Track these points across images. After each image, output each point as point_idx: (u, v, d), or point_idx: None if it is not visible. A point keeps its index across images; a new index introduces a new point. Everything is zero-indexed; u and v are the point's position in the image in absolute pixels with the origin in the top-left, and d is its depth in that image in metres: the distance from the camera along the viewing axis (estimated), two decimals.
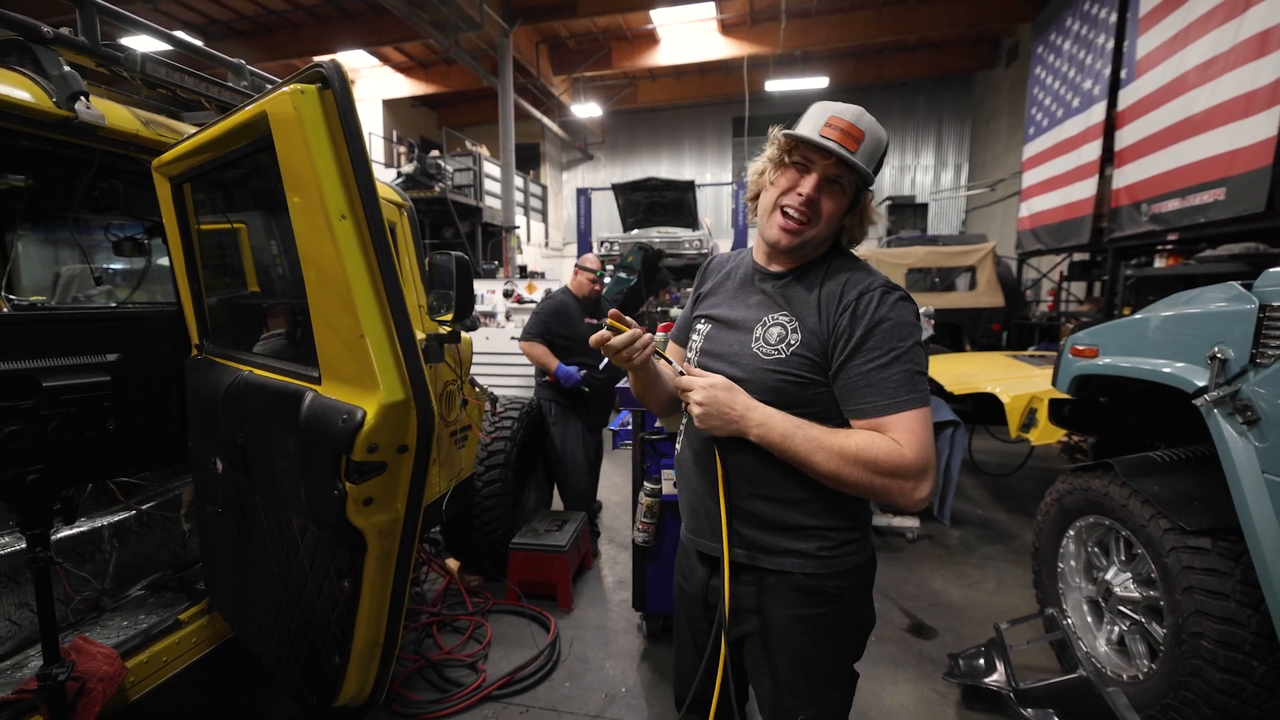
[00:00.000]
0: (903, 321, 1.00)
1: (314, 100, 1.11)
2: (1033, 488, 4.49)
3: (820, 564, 1.07)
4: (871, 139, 1.00)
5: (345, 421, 1.13)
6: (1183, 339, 1.90)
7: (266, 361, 1.55)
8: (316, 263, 1.20)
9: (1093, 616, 2.25)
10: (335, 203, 1.12)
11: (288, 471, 1.34)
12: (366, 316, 1.13)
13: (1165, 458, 2.03)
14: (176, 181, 1.67)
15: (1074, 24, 6.97)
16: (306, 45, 10.80)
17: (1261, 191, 3.98)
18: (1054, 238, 7.23)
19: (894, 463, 0.94)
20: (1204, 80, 4.59)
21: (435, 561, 3.04)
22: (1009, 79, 10.99)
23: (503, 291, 6.81)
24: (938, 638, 2.64)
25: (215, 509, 1.74)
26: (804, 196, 1.00)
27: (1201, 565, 1.73)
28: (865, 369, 0.98)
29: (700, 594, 1.21)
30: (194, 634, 1.74)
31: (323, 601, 1.35)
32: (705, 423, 0.99)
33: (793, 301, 1.07)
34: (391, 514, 1.23)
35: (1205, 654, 1.69)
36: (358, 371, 1.17)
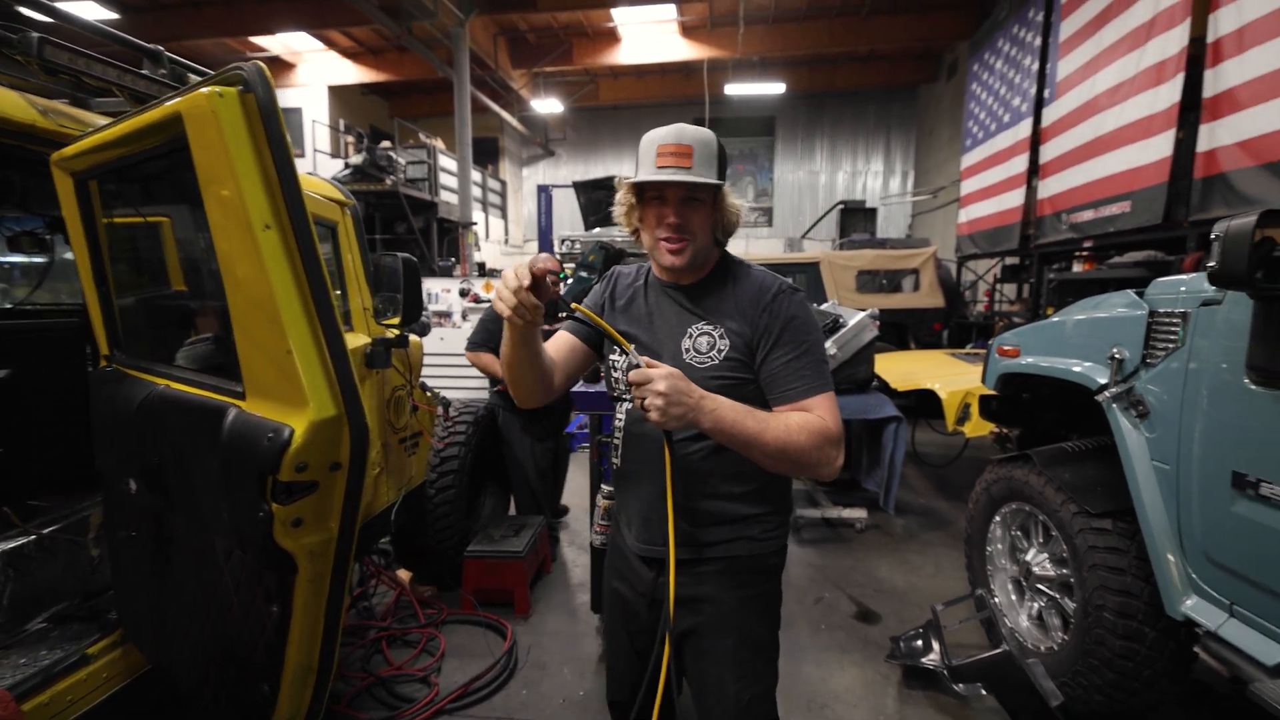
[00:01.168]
0: (809, 318, 1.15)
1: (234, 104, 1.05)
2: (969, 477, 4.76)
3: (762, 545, 1.21)
4: (700, 147, 1.09)
5: (271, 440, 1.08)
6: (1089, 341, 2.12)
7: (185, 374, 1.45)
8: (238, 275, 1.13)
9: (1016, 595, 2.47)
10: (259, 212, 1.06)
11: (210, 492, 1.26)
12: (294, 331, 1.08)
13: (1076, 448, 2.26)
14: (80, 178, 1.54)
15: (1005, 45, 7.45)
16: (240, 24, 9.95)
17: (1160, 205, 4.41)
18: (989, 242, 7.71)
19: (826, 433, 1.07)
20: (1113, 103, 5.03)
21: (385, 573, 2.90)
22: (949, 92, 11.59)
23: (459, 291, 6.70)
24: (882, 622, 2.81)
25: (129, 533, 1.62)
26: (673, 224, 1.11)
27: (1104, 544, 1.94)
28: (786, 360, 1.11)
29: (647, 594, 1.24)
30: (104, 669, 1.60)
31: (249, 627, 1.28)
32: (666, 412, 0.96)
33: (711, 310, 1.17)
34: (324, 534, 1.18)
35: (1107, 624, 1.89)
36: (284, 387, 1.12)
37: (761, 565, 1.21)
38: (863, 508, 3.87)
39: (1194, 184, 4.07)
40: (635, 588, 1.25)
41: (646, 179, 1.10)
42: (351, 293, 2.34)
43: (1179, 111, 4.25)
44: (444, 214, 10.03)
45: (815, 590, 3.07)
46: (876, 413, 3.50)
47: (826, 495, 4.10)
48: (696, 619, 1.19)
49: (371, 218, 9.26)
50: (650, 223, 1.15)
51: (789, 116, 14.61)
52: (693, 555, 1.17)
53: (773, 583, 1.24)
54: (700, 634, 1.19)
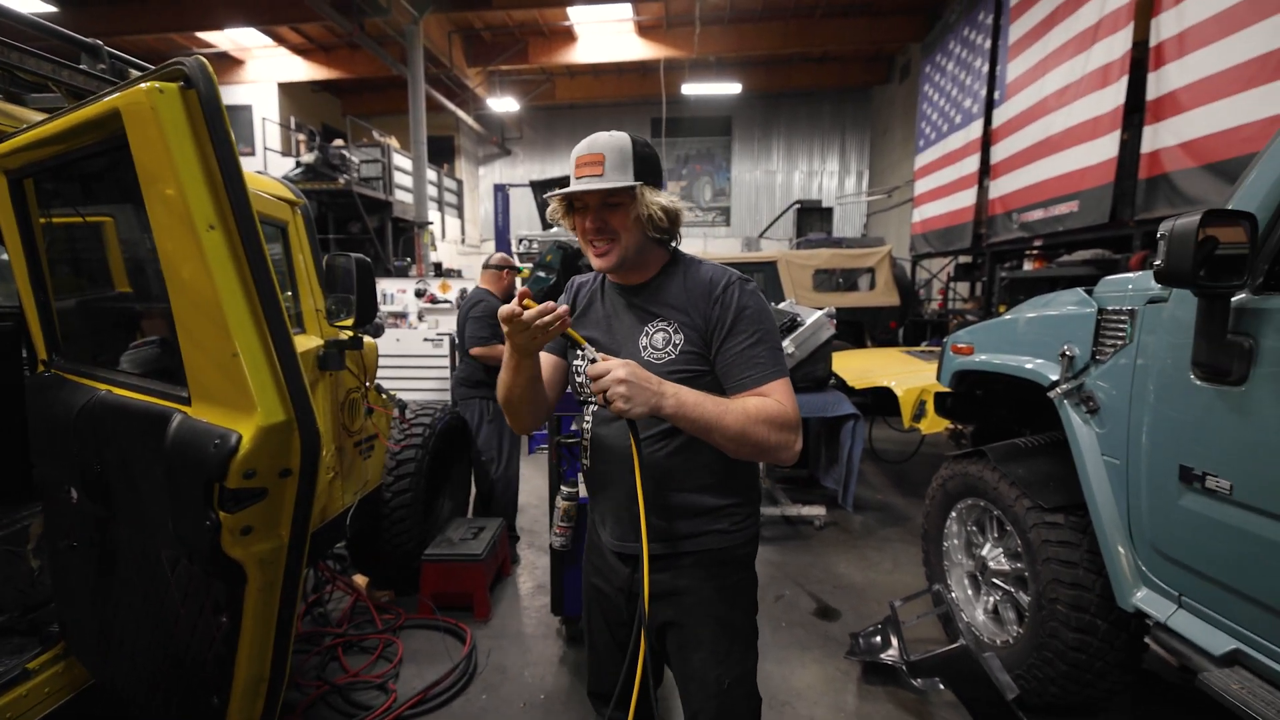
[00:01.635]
0: (761, 307, 1.17)
1: (175, 101, 1.03)
2: (926, 473, 4.84)
3: (734, 537, 1.24)
4: (612, 152, 1.13)
5: (218, 446, 1.06)
6: (1041, 338, 2.14)
7: (128, 379, 1.41)
8: (182, 276, 1.11)
9: (972, 589, 2.48)
10: (202, 212, 1.04)
11: (154, 501, 1.24)
12: (240, 334, 1.06)
13: (1029, 444, 2.28)
14: (15, 176, 1.50)
15: (956, 47, 7.66)
16: (187, 19, 9.67)
17: (1106, 204, 4.57)
18: (942, 241, 7.92)
19: (784, 417, 1.10)
20: (1060, 105, 5.20)
21: (340, 579, 2.87)
22: (902, 93, 11.90)
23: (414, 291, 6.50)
24: (841, 619, 2.82)
25: (70, 543, 1.57)
26: (591, 228, 1.16)
27: (1056, 538, 1.96)
28: (740, 348, 1.14)
29: (624, 589, 1.28)
30: (46, 683, 1.56)
31: (197, 638, 1.26)
32: (629, 401, 1.00)
33: (665, 307, 1.20)
34: (274, 542, 1.16)
35: (1060, 616, 1.91)
36: (231, 392, 1.10)
37: (734, 556, 1.25)
38: (821, 505, 3.89)
39: (1139, 184, 4.22)
40: (613, 583, 1.29)
41: (560, 193, 1.16)
42: (303, 294, 2.31)
43: (1124, 113, 4.40)
44: (399, 213, 9.83)
45: (775, 588, 3.06)
46: (834, 410, 3.51)
47: (785, 493, 4.11)
48: (676, 610, 1.23)
49: (325, 217, 9.15)
50: (579, 229, 1.19)
51: (746, 116, 14.73)
52: (668, 550, 1.21)
53: (747, 572, 1.29)
54: (680, 624, 1.24)
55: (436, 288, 6.50)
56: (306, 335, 2.27)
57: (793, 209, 11.59)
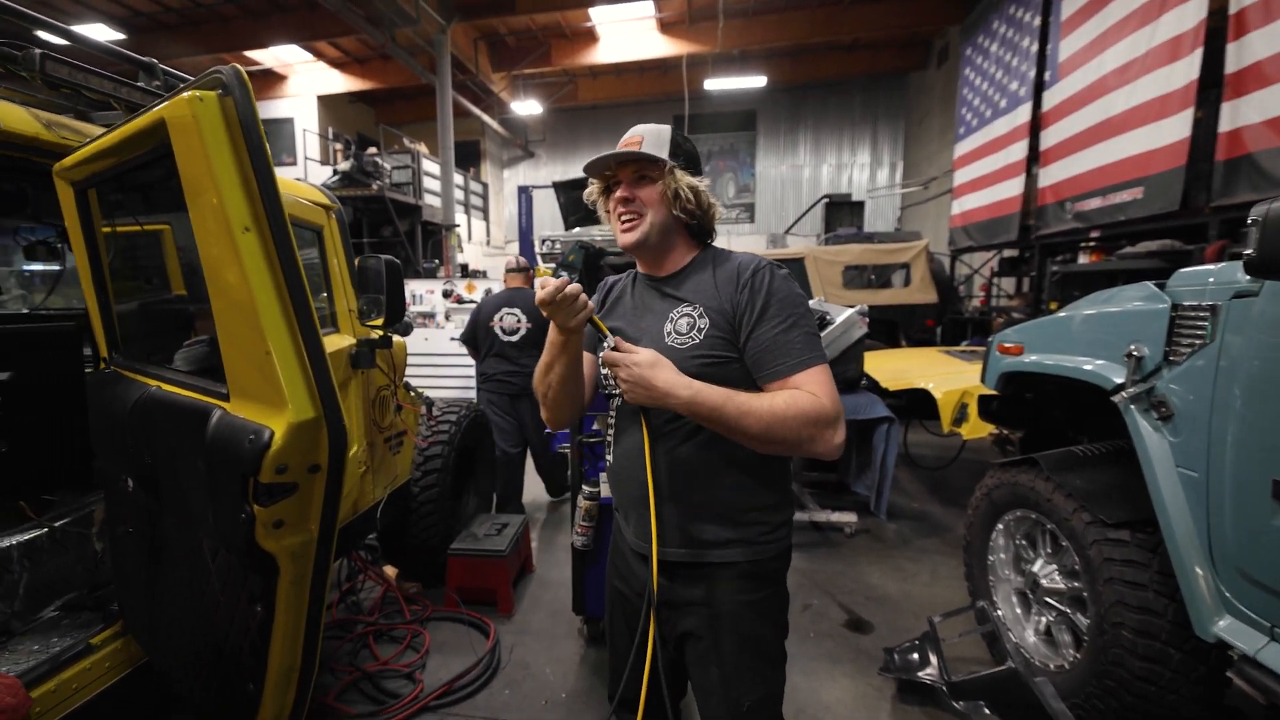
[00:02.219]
0: (794, 292, 1.12)
1: (214, 108, 1.08)
2: (966, 480, 4.62)
3: (761, 549, 1.16)
4: (650, 135, 1.16)
5: (252, 442, 1.10)
6: (1101, 337, 1.94)
7: (176, 376, 1.49)
8: (220, 277, 1.15)
9: (1021, 608, 2.28)
10: (238, 215, 1.09)
11: (196, 493, 1.29)
12: (273, 333, 1.10)
13: (1087, 452, 2.08)
14: (80, 187, 1.61)
15: (1000, 27, 7.26)
16: (236, 40, 10.25)
17: (1176, 190, 4.18)
18: (984, 235, 7.53)
19: (819, 411, 1.02)
20: (1122, 83, 4.80)
21: (372, 569, 2.96)
22: (940, 79, 11.43)
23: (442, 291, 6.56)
24: (874, 632, 2.66)
25: (126, 529, 1.66)
26: (619, 198, 1.16)
27: (1121, 557, 1.76)
28: (771, 334, 1.08)
29: (645, 593, 1.21)
30: (107, 659, 1.67)
31: (235, 627, 1.31)
32: (632, 396, 1.04)
33: (691, 292, 1.16)
34: (304, 536, 1.20)
35: (1125, 643, 1.72)
36: (265, 389, 1.14)
37: (761, 570, 1.17)
38: (852, 511, 3.70)
39: (1215, 166, 3.83)
40: (633, 587, 1.25)
41: (597, 157, 1.15)
42: (337, 295, 2.39)
43: (1197, 89, 4.02)
44: (428, 217, 9.99)
45: (803, 596, 2.92)
46: (866, 413, 3.32)
47: (814, 498, 3.94)
48: (696, 621, 1.18)
49: (359, 222, 9.47)
50: (612, 204, 1.18)
51: (770, 110, 14.37)
52: (691, 557, 1.16)
53: (776, 587, 1.21)
54: (700, 636, 1.18)
55: (463, 288, 6.55)
56: (340, 334, 2.35)
57: (821, 203, 11.26)
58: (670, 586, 1.17)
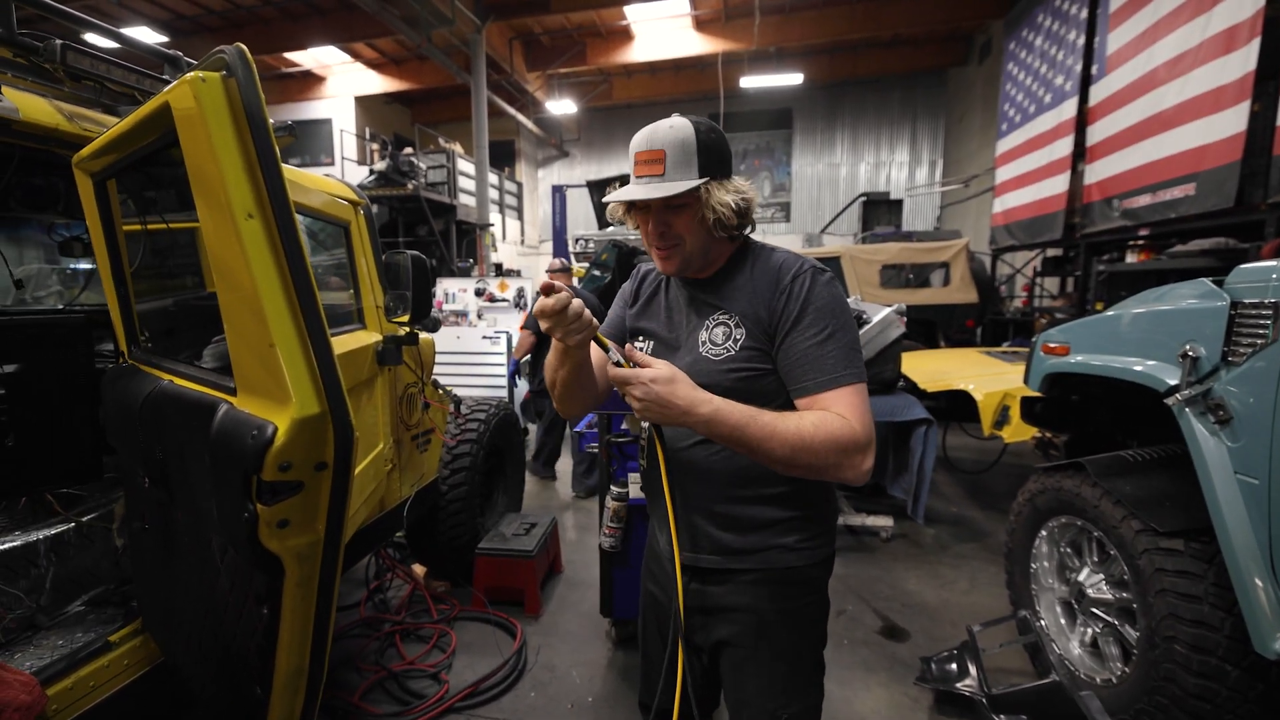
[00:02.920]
0: (835, 299, 1.04)
1: (217, 89, 1.03)
2: (1007, 484, 4.49)
3: (801, 556, 1.10)
4: (674, 148, 1.01)
5: (255, 438, 1.05)
6: (1154, 337, 1.87)
7: (188, 370, 1.46)
8: (225, 266, 1.11)
9: (1066, 618, 2.21)
10: (241, 201, 1.03)
11: (204, 489, 1.27)
12: (277, 324, 1.05)
13: (1137, 457, 2.00)
14: (98, 178, 1.57)
15: (1046, 20, 7.02)
16: (276, 42, 10.56)
17: (1231, 186, 4.00)
18: (1027, 233, 7.29)
19: (849, 437, 0.96)
20: (1174, 76, 4.62)
21: (400, 568, 2.98)
22: (982, 75, 11.09)
23: (474, 290, 6.67)
24: (910, 640, 2.60)
25: (143, 525, 1.65)
26: (654, 233, 1.08)
27: (1174, 567, 1.69)
28: (804, 346, 1.01)
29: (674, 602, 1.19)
30: (125, 656, 1.64)
31: (243, 628, 1.27)
32: (647, 415, 0.97)
33: (728, 299, 1.09)
34: (311, 536, 1.15)
35: (1179, 658, 1.65)
36: (269, 383, 1.09)
37: (801, 577, 1.11)
38: (888, 515, 3.63)
39: (1274, 161, 3.66)
40: (669, 592, 1.19)
41: (618, 199, 1.08)
42: (364, 291, 2.38)
43: (1254, 81, 3.83)
44: (462, 216, 10.16)
45: (837, 602, 2.88)
46: (904, 415, 3.26)
47: (849, 502, 3.87)
48: (731, 629, 1.13)
49: (395, 221, 9.64)
50: (642, 231, 1.11)
51: (807, 108, 14.18)
52: (725, 564, 1.11)
53: (815, 595, 1.15)
54: (735, 645, 1.13)
55: (495, 287, 6.64)
56: (367, 331, 2.34)
57: (858, 202, 11.06)
58: (704, 592, 1.13)
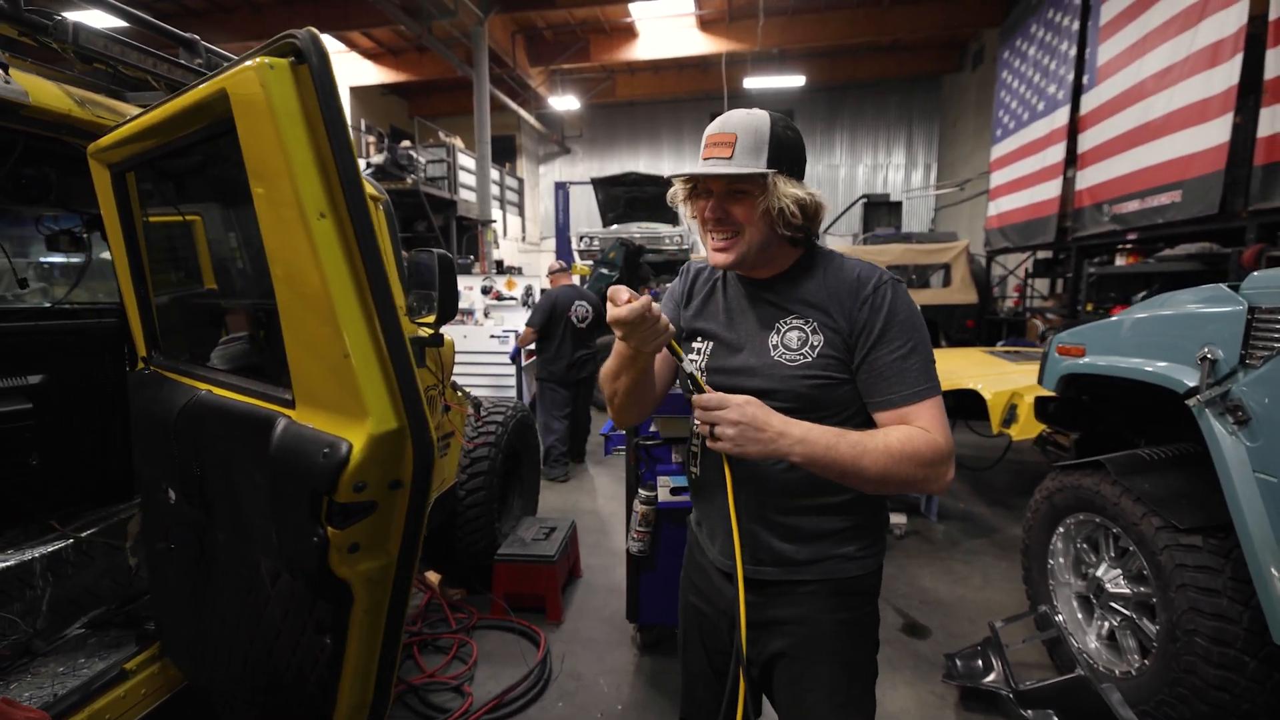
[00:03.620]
0: (915, 312, 1.03)
1: (286, 77, 0.93)
2: (1010, 480, 4.62)
3: (861, 564, 1.09)
4: (746, 133, 0.99)
5: (327, 456, 0.97)
6: (1170, 340, 1.95)
7: (226, 379, 1.35)
8: (289, 270, 1.01)
9: (1083, 613, 2.30)
10: (313, 199, 0.94)
11: (256, 510, 1.17)
12: (352, 333, 0.96)
13: (1153, 455, 2.08)
14: (117, 170, 1.47)
15: (1038, 30, 7.17)
16: (268, 28, 10.20)
17: (1215, 194, 4.16)
18: (1021, 236, 7.45)
19: (934, 451, 0.95)
20: (1161, 87, 4.77)
21: (415, 576, 2.91)
22: (975, 82, 11.27)
23: (481, 288, 6.64)
24: (931, 637, 2.66)
25: (167, 544, 1.53)
26: (711, 218, 1.04)
27: (1194, 562, 1.77)
28: (889, 359, 0.99)
29: (729, 612, 1.13)
30: (143, 684, 1.52)
31: (299, 659, 1.17)
32: (740, 447, 0.92)
33: (801, 302, 1.06)
34: (383, 560, 1.07)
35: (1199, 650, 1.72)
36: (341, 396, 1.00)
37: (860, 587, 1.10)
38: (901, 512, 3.71)
39: (1254, 171, 3.84)
40: (716, 605, 1.17)
41: (678, 173, 1.04)
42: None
43: (1237, 95, 4.01)
44: (463, 212, 10.07)
45: None
46: None
47: None
48: (788, 640, 1.10)
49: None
50: (699, 215, 1.07)
51: (808, 110, 14.32)
52: (785, 575, 1.08)
53: (871, 605, 1.14)
54: (792, 657, 1.10)
55: (503, 285, 6.60)
56: None
57: (859, 203, 11.20)
58: (761, 605, 1.09)
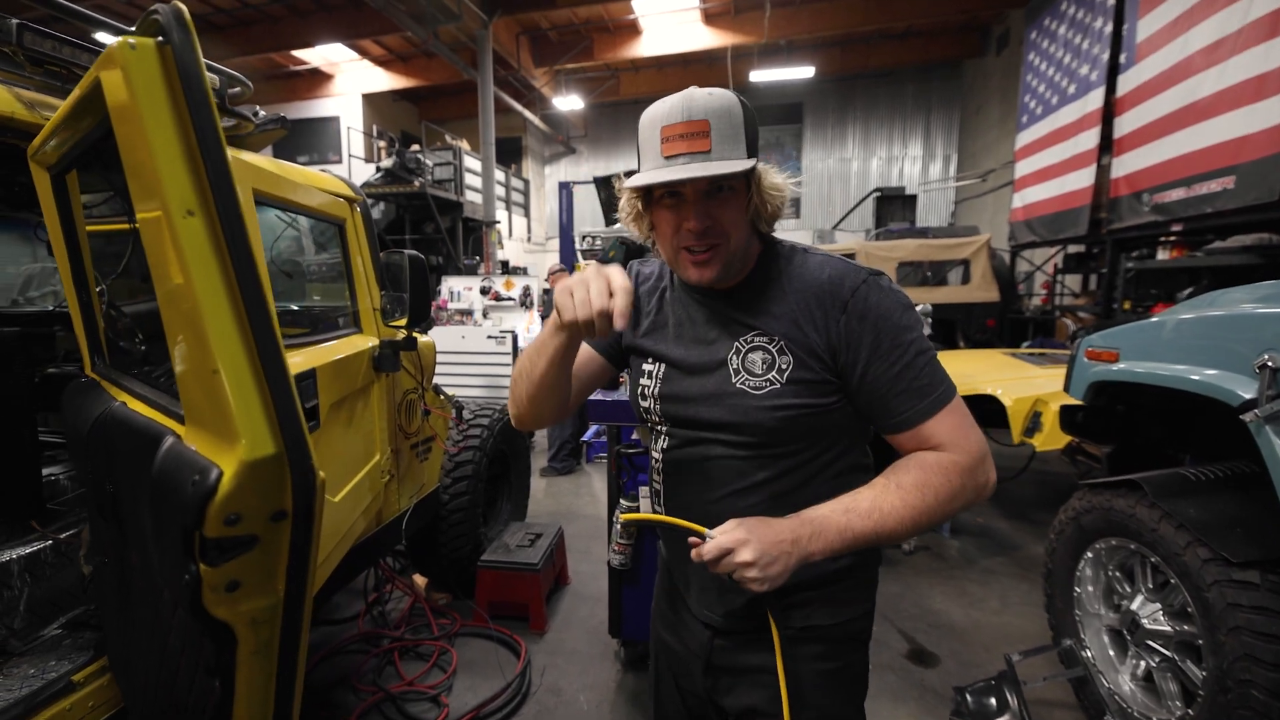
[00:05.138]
0: (903, 305, 0.88)
1: (149, 58, 0.85)
2: (1034, 493, 4.31)
3: (844, 610, 0.97)
4: (719, 118, 0.80)
5: (195, 484, 0.88)
6: (1222, 344, 1.68)
7: (145, 390, 1.28)
8: (161, 274, 0.94)
9: (1115, 649, 2.03)
10: (179, 194, 0.86)
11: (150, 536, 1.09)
12: (221, 346, 0.87)
13: (1199, 476, 1.81)
14: (55, 171, 1.41)
15: (1070, 8, 6.77)
16: (284, 39, 10.52)
17: (1274, 179, 3.78)
18: (1049, 229, 7.05)
19: (964, 466, 0.83)
20: (1211, 63, 4.38)
21: (399, 580, 2.88)
22: (999, 67, 10.81)
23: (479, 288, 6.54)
24: (940, 665, 2.44)
25: (103, 558, 1.48)
26: (694, 229, 0.84)
27: (1250, 603, 1.51)
28: (891, 374, 0.84)
29: (702, 657, 1.02)
30: (90, 697, 1.46)
31: (194, 699, 1.09)
32: (768, 580, 0.77)
33: (762, 315, 0.89)
34: (268, 599, 0.97)
35: (1255, 704, 1.47)
36: (215, 416, 0.92)
37: (848, 633, 0.98)
38: None
39: None
40: (688, 645, 1.05)
41: (651, 181, 0.81)
42: (360, 293, 2.25)
43: None
44: (469, 213, 10.10)
45: None
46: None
47: None
48: (763, 693, 0.96)
49: (401, 219, 9.61)
50: (666, 230, 0.88)
51: (818, 102, 13.96)
52: (762, 623, 0.93)
53: (860, 653, 1.02)
54: (765, 714, 0.96)
55: (501, 285, 6.51)
56: (363, 335, 2.22)
57: (871, 197, 10.83)
58: (733, 650, 0.99)
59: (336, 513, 1.82)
